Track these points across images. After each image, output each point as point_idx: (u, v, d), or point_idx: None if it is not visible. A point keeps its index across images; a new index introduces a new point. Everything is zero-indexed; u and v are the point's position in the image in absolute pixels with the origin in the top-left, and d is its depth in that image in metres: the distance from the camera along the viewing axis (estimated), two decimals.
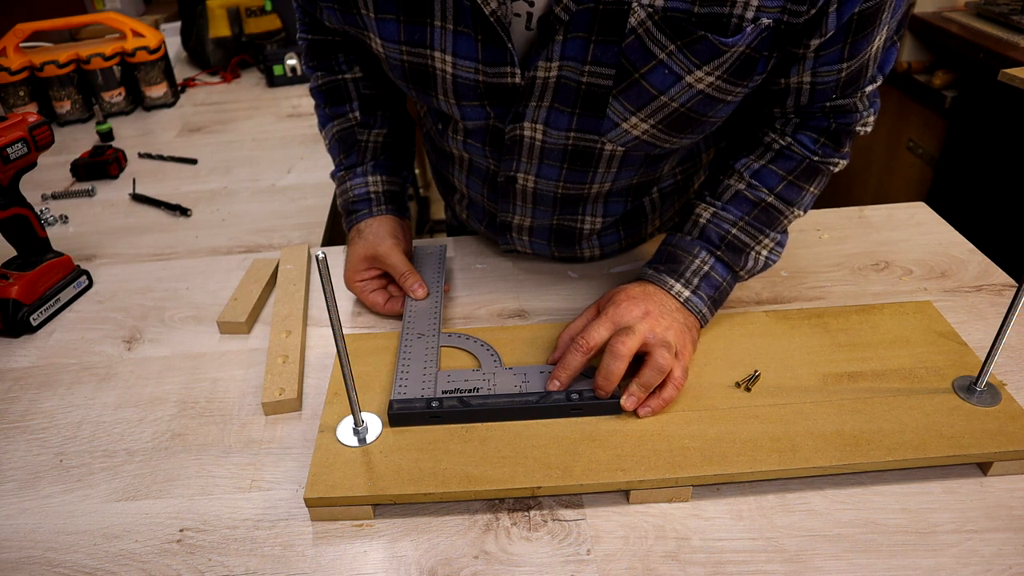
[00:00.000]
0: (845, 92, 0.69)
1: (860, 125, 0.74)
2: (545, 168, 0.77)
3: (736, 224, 0.74)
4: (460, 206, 0.96)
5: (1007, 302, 0.77)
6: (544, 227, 0.86)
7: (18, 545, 0.60)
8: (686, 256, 0.74)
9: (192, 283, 0.94)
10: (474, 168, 0.84)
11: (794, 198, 0.75)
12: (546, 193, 0.80)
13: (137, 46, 1.54)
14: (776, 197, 0.74)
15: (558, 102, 0.69)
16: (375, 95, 0.88)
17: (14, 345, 0.85)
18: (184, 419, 0.72)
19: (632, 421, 0.64)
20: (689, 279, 0.73)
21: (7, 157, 0.85)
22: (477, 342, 0.75)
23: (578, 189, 0.79)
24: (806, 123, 0.73)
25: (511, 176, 0.79)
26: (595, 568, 0.56)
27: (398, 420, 0.65)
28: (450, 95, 0.71)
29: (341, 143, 0.89)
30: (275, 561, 0.58)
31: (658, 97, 0.65)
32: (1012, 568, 0.54)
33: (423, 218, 2.72)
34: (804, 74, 0.66)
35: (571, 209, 0.83)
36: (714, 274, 0.74)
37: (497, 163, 0.79)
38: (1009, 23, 1.76)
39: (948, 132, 1.92)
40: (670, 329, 0.68)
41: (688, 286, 0.73)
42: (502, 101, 0.70)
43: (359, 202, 0.87)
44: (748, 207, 0.74)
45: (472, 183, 0.87)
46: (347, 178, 0.88)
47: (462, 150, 0.82)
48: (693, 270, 0.73)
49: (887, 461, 0.60)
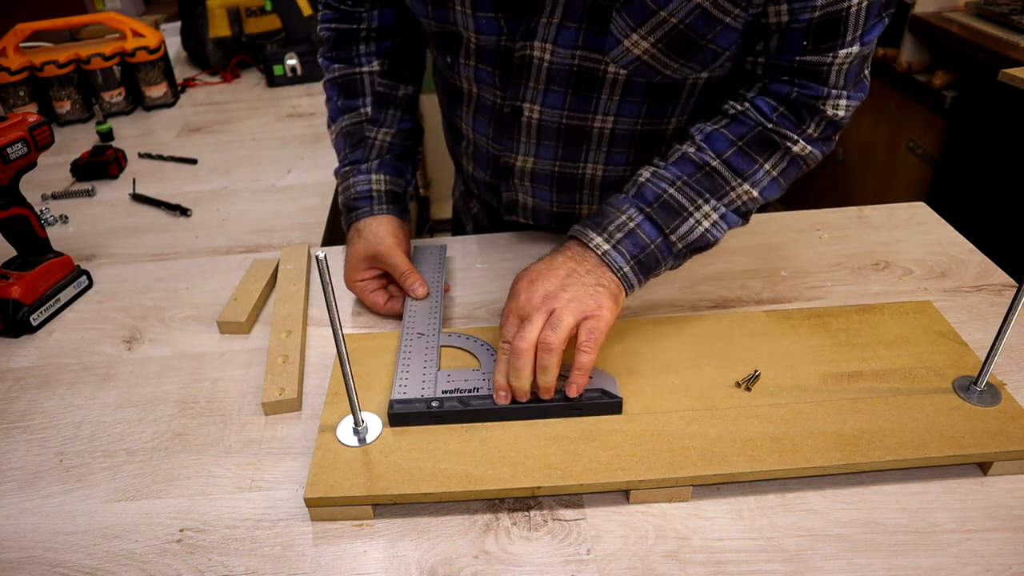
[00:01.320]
0: (818, 43, 0.67)
1: (830, 105, 0.71)
2: (551, 96, 0.78)
3: (674, 184, 0.71)
4: (467, 156, 0.96)
5: (1007, 302, 0.77)
6: (546, 172, 0.87)
7: (18, 545, 0.60)
8: (614, 211, 0.71)
9: (192, 283, 0.94)
10: (481, 104, 0.85)
11: (744, 168, 0.72)
12: (550, 125, 0.81)
13: (137, 46, 1.54)
14: (723, 163, 0.72)
15: (567, 18, 0.71)
16: (388, 94, 0.89)
17: (14, 345, 0.85)
18: (184, 419, 0.72)
19: (632, 421, 0.64)
20: (612, 233, 0.70)
21: (7, 157, 0.85)
22: (477, 342, 0.75)
23: (582, 120, 0.79)
24: (768, 88, 0.72)
25: (517, 107, 0.80)
26: (595, 568, 0.56)
27: (398, 420, 0.65)
28: (467, 5, 0.73)
29: (348, 137, 0.89)
30: (275, 561, 0.58)
31: (657, 12, 0.66)
32: (1012, 568, 0.54)
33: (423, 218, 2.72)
34: (780, 6, 0.65)
35: (574, 149, 0.83)
36: (640, 232, 0.70)
37: (504, 92, 0.80)
38: (1009, 23, 1.75)
39: (948, 132, 1.92)
40: (573, 300, 0.65)
41: (609, 240, 0.69)
42: (515, 12, 0.72)
43: (360, 199, 0.87)
44: (691, 168, 0.72)
45: (479, 123, 0.88)
46: (351, 174, 0.88)
47: (471, 80, 0.83)
48: (617, 224, 0.70)
49: (887, 461, 0.60)
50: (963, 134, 1.86)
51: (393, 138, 0.89)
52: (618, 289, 0.68)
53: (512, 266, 0.93)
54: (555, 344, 0.63)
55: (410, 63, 0.91)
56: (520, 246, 0.97)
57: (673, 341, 0.74)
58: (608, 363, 0.71)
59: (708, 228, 0.72)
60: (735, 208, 0.73)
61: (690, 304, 0.84)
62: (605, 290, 0.67)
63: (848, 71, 0.70)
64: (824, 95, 0.70)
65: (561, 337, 0.63)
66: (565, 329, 0.63)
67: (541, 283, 0.67)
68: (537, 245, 0.97)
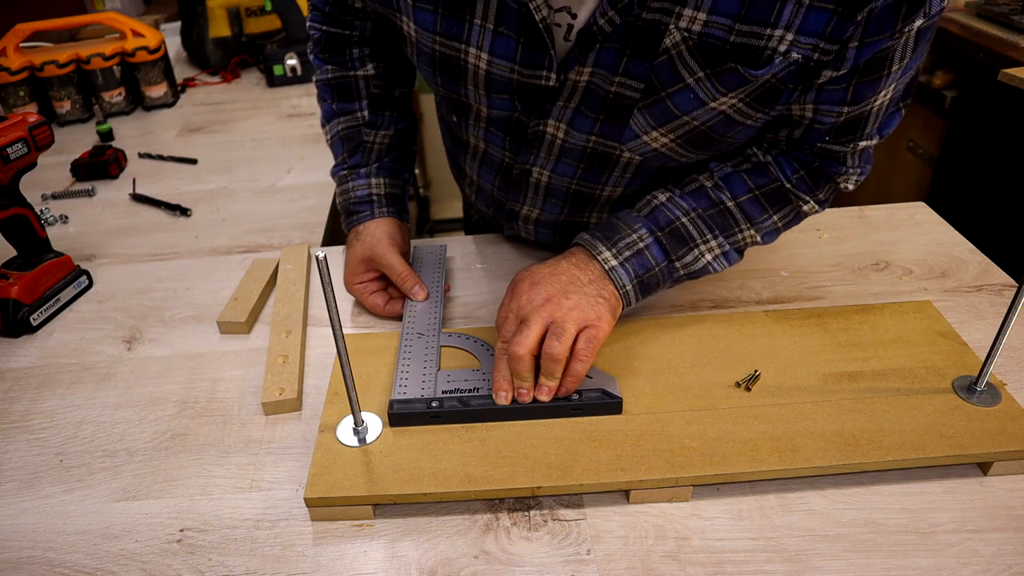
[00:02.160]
0: (839, 138, 0.68)
1: (843, 179, 0.73)
2: (562, 165, 0.77)
3: (688, 214, 0.72)
4: (470, 190, 0.96)
5: (1007, 302, 0.77)
6: (551, 221, 0.87)
7: (18, 545, 0.60)
8: (625, 228, 0.72)
9: (192, 283, 0.94)
10: (488, 159, 0.85)
11: (755, 216, 0.74)
12: (559, 188, 0.81)
13: (137, 46, 1.54)
14: (737, 205, 0.73)
15: (584, 106, 0.70)
16: (384, 95, 0.88)
17: (14, 345, 0.85)
18: (184, 419, 0.72)
19: (632, 421, 0.64)
20: (620, 250, 0.70)
21: (7, 157, 0.85)
22: (477, 342, 0.75)
23: (591, 189, 0.79)
24: (792, 152, 0.73)
25: (526, 169, 0.80)
26: (595, 568, 0.56)
27: (398, 420, 0.65)
28: (480, 87, 0.72)
29: (346, 141, 0.88)
30: (275, 561, 0.58)
31: (680, 117, 0.66)
32: (1012, 568, 0.54)
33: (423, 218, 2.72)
34: (806, 106, 0.66)
35: (581, 207, 0.83)
36: (648, 254, 0.71)
37: (514, 156, 0.80)
38: (1009, 23, 1.76)
39: (948, 132, 1.92)
40: (575, 308, 0.65)
41: (617, 256, 0.70)
42: (532, 98, 0.71)
43: (361, 203, 0.87)
44: (706, 203, 0.73)
45: (484, 173, 0.88)
46: (349, 178, 0.88)
47: (480, 139, 0.82)
48: (627, 243, 0.71)
49: (887, 461, 0.60)
50: (963, 134, 1.86)
51: (391, 140, 0.89)
52: (617, 303, 0.69)
53: (512, 266, 0.93)
54: (561, 354, 0.63)
55: (404, 66, 0.91)
56: (520, 246, 0.97)
57: (673, 341, 0.74)
58: (608, 363, 0.71)
59: (710, 261, 0.74)
60: (737, 247, 0.75)
61: (690, 304, 0.84)
62: (606, 303, 0.68)
63: (864, 153, 0.72)
64: (842, 172, 0.73)
65: (567, 346, 0.64)
66: (569, 338, 0.64)
67: (543, 286, 0.67)
68: (537, 246, 0.96)
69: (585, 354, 0.64)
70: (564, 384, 0.65)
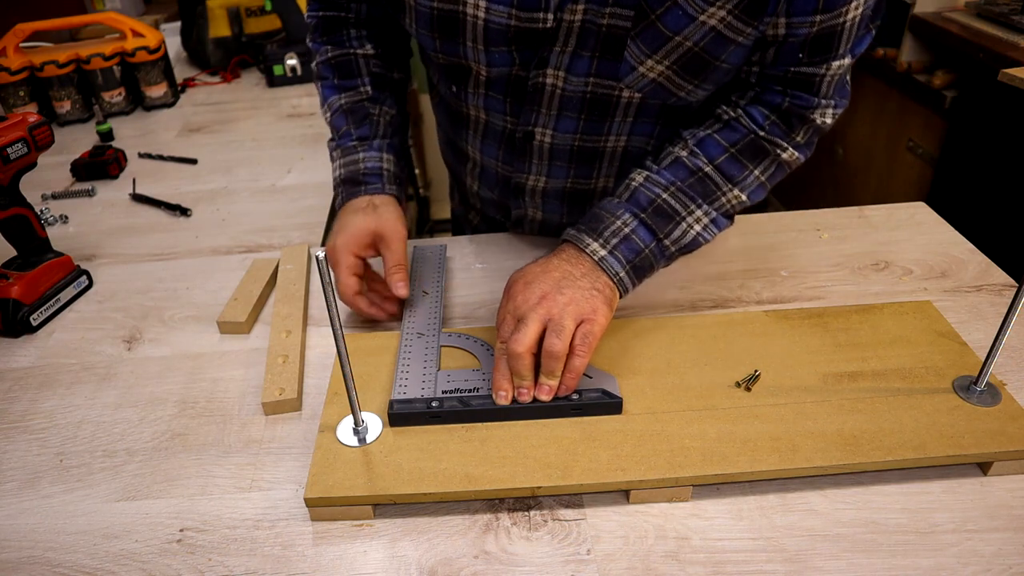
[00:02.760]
0: (813, 56, 0.69)
1: (818, 114, 0.73)
2: (563, 121, 0.78)
3: (667, 189, 0.73)
4: (472, 176, 0.96)
5: (1007, 302, 0.77)
6: (558, 190, 0.87)
7: (18, 545, 0.60)
8: (608, 216, 0.72)
9: (192, 283, 0.94)
10: (490, 130, 0.85)
11: (735, 175, 0.74)
12: (563, 147, 0.81)
13: (137, 46, 1.54)
14: (715, 168, 0.73)
15: (580, 48, 0.72)
16: (384, 76, 0.89)
17: (14, 345, 0.85)
18: (184, 419, 0.72)
19: (632, 421, 0.64)
20: (608, 239, 0.71)
21: (7, 157, 0.85)
22: (477, 342, 0.75)
23: (594, 142, 0.80)
24: (760, 97, 0.74)
25: (529, 131, 0.81)
26: (595, 568, 0.56)
27: (398, 420, 0.65)
28: (479, 41, 0.73)
29: (351, 114, 0.85)
30: (275, 561, 0.58)
31: (672, 38, 0.67)
32: (1012, 568, 0.54)
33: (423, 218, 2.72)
34: (779, 20, 0.66)
35: (587, 168, 0.84)
36: (635, 238, 0.71)
37: (516, 119, 0.81)
38: (1009, 23, 1.75)
39: (948, 132, 1.92)
40: (571, 303, 0.66)
41: (605, 246, 0.71)
42: (529, 45, 0.72)
43: (371, 175, 0.82)
44: (684, 174, 0.73)
45: (487, 147, 0.88)
46: (359, 148, 0.83)
47: (480, 108, 0.83)
48: (613, 230, 0.71)
49: (887, 461, 0.60)
50: (963, 134, 1.86)
51: (394, 119, 0.88)
52: (612, 293, 0.69)
53: (512, 266, 0.92)
54: (561, 351, 0.64)
55: (399, 51, 0.91)
56: (520, 246, 0.97)
57: (673, 341, 0.74)
58: (608, 363, 0.71)
59: (699, 232, 0.74)
60: (724, 212, 0.75)
61: (690, 304, 0.84)
62: (600, 294, 0.68)
63: (837, 82, 0.72)
64: (814, 105, 0.72)
65: (566, 343, 0.64)
66: (568, 334, 0.64)
67: (537, 284, 0.67)
68: (536, 246, 0.97)
69: (583, 349, 0.65)
70: (564, 382, 0.65)
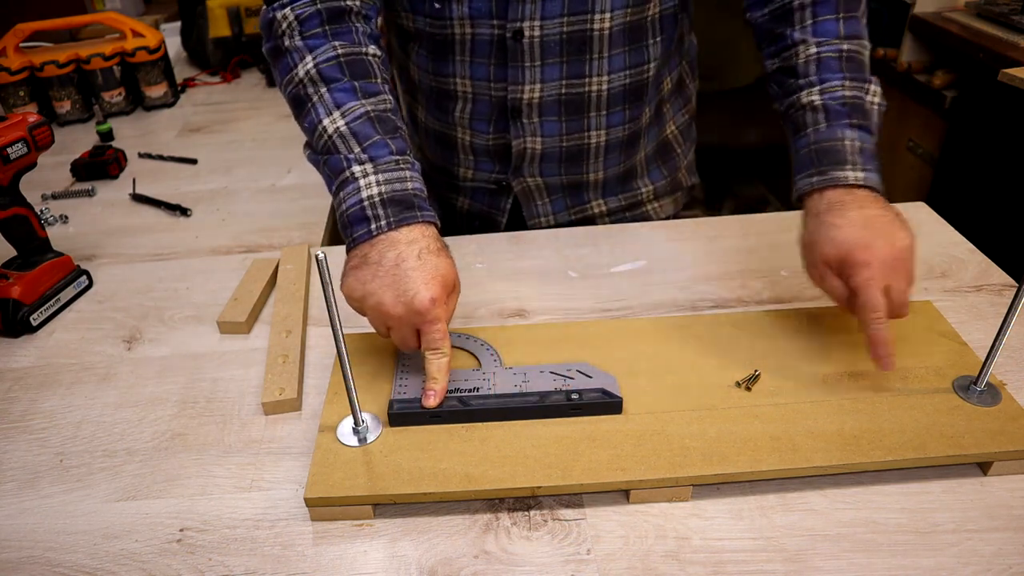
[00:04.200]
0: None
1: None
2: (549, 5, 0.82)
3: (843, 86, 0.74)
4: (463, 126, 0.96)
5: (1007, 302, 0.77)
6: (554, 99, 0.90)
7: (18, 545, 0.60)
8: (838, 143, 0.71)
9: (192, 283, 0.94)
10: (478, 43, 0.87)
11: (858, 31, 0.76)
12: (552, 38, 0.84)
13: (137, 46, 1.54)
14: (846, 40, 0.75)
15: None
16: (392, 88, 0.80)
17: (14, 345, 0.85)
18: (184, 419, 0.72)
19: (632, 421, 0.64)
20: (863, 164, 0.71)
21: (7, 157, 0.85)
22: (477, 342, 0.75)
23: (582, 22, 0.83)
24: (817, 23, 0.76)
25: (518, 28, 0.83)
26: (595, 568, 0.56)
27: (398, 420, 0.65)
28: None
29: (380, 123, 0.72)
30: (275, 561, 0.58)
31: None
32: (1012, 568, 0.54)
33: None
34: None
35: (578, 63, 0.87)
36: (866, 146, 0.72)
37: (503, 19, 0.83)
38: (1009, 23, 1.75)
39: (948, 132, 1.92)
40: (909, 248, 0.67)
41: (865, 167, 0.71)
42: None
43: (421, 198, 0.70)
44: (837, 64, 0.74)
45: (476, 68, 0.89)
46: (402, 165, 0.71)
47: (465, 19, 0.85)
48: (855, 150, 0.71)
49: (887, 461, 0.60)
50: (963, 134, 1.86)
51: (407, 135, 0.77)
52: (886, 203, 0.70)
53: (513, 266, 0.93)
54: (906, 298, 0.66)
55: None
56: (520, 246, 0.97)
57: (673, 341, 0.74)
58: (608, 363, 0.71)
59: (879, 102, 0.75)
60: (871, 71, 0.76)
61: (690, 304, 0.84)
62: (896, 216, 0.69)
63: None
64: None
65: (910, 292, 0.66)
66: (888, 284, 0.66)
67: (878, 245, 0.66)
68: (536, 245, 0.97)
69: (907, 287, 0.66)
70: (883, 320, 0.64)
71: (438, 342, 0.64)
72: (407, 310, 0.64)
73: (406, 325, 0.65)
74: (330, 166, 0.72)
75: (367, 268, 0.66)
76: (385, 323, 0.66)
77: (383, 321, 0.66)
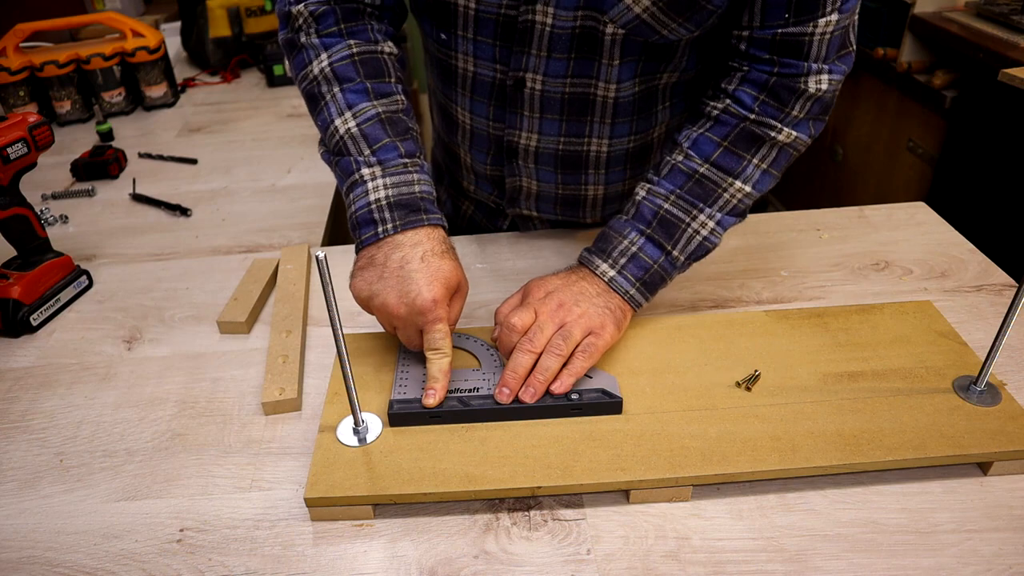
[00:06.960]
0: (799, 15, 0.67)
1: (811, 81, 0.70)
2: (553, 64, 0.77)
3: (668, 199, 0.73)
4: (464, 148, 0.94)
5: (1007, 302, 0.77)
6: (551, 151, 0.86)
7: (18, 545, 0.60)
8: (616, 236, 0.74)
9: (192, 283, 0.94)
10: (479, 83, 0.83)
11: (733, 167, 0.73)
12: (554, 95, 0.80)
13: (137, 46, 1.54)
14: (711, 166, 0.73)
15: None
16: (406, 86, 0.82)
17: (14, 345, 0.85)
18: (184, 419, 0.72)
19: (632, 421, 0.64)
20: (616, 259, 0.73)
21: (7, 157, 0.85)
22: (477, 342, 0.75)
23: (585, 86, 0.79)
24: (748, 76, 0.73)
25: (520, 78, 0.80)
26: (595, 568, 0.56)
27: (398, 420, 0.65)
28: None
29: (391, 125, 0.73)
30: (275, 561, 0.58)
31: None
32: (1012, 568, 0.54)
33: None
34: None
35: (578, 123, 0.83)
36: (643, 255, 0.73)
37: (505, 65, 0.79)
38: (1009, 23, 1.75)
39: (948, 132, 1.92)
40: (583, 316, 0.69)
41: (614, 266, 0.73)
42: None
43: (429, 201, 0.71)
44: (681, 179, 0.74)
45: (477, 105, 0.86)
46: (410, 168, 0.72)
47: (469, 56, 0.81)
48: (620, 250, 0.73)
49: (887, 461, 0.60)
50: (963, 134, 1.86)
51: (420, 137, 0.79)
52: (623, 313, 0.72)
53: (512, 266, 0.93)
54: (564, 351, 0.67)
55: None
56: (520, 246, 0.97)
57: (673, 341, 0.74)
58: (608, 363, 0.71)
59: (706, 236, 0.74)
60: (730, 210, 0.75)
61: (690, 304, 0.84)
62: (611, 314, 0.71)
63: (830, 42, 0.70)
64: (804, 71, 0.70)
65: (570, 347, 0.67)
66: (574, 341, 0.67)
67: (557, 294, 0.71)
68: (536, 246, 0.97)
69: (584, 354, 0.67)
70: (561, 378, 0.66)
71: (439, 342, 0.66)
72: (410, 310, 0.66)
73: (410, 325, 0.68)
74: (341, 167, 0.74)
75: (373, 269, 0.68)
76: (391, 323, 0.69)
77: (389, 321, 0.69)
